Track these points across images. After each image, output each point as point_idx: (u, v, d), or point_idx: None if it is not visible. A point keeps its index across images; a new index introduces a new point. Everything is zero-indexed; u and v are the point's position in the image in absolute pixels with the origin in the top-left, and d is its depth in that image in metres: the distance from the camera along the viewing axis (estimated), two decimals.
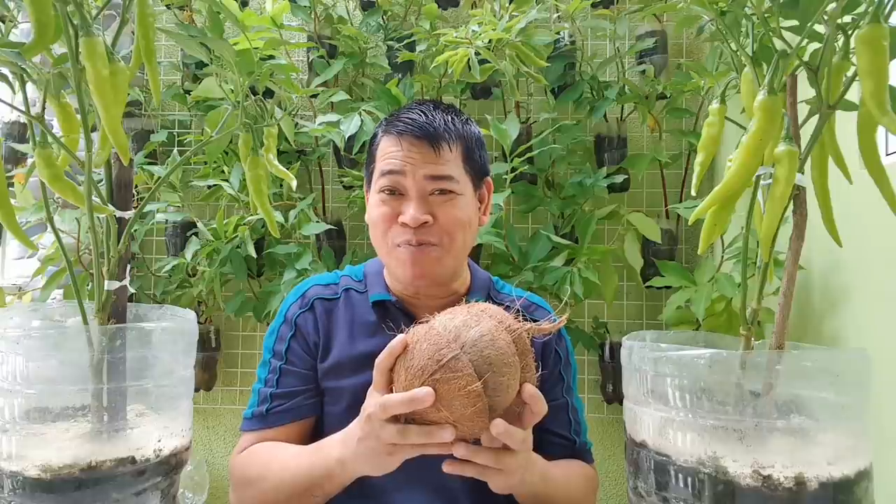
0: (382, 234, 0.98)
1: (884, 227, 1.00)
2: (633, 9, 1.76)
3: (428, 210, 0.95)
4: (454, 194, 0.97)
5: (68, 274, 0.74)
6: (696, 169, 0.72)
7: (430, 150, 0.96)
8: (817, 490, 0.58)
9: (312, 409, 1.00)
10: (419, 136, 0.96)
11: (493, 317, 0.73)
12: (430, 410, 0.69)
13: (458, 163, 0.99)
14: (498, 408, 0.71)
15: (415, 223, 0.94)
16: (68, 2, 0.58)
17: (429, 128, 0.96)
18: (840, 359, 0.65)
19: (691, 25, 0.76)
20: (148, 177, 1.77)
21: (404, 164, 0.95)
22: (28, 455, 0.61)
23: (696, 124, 1.85)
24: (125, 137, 0.62)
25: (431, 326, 0.72)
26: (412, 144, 0.96)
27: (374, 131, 1.04)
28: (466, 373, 0.68)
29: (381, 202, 0.97)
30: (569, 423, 1.04)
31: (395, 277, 1.02)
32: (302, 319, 1.03)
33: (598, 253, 1.67)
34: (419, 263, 0.95)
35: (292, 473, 0.89)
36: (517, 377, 0.72)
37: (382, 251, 1.00)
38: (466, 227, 0.99)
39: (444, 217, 0.96)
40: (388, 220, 0.96)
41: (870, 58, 0.55)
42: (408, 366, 0.71)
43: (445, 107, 1.02)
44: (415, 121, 0.96)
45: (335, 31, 1.88)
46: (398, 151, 0.96)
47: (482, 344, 0.69)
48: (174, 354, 0.70)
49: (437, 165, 0.96)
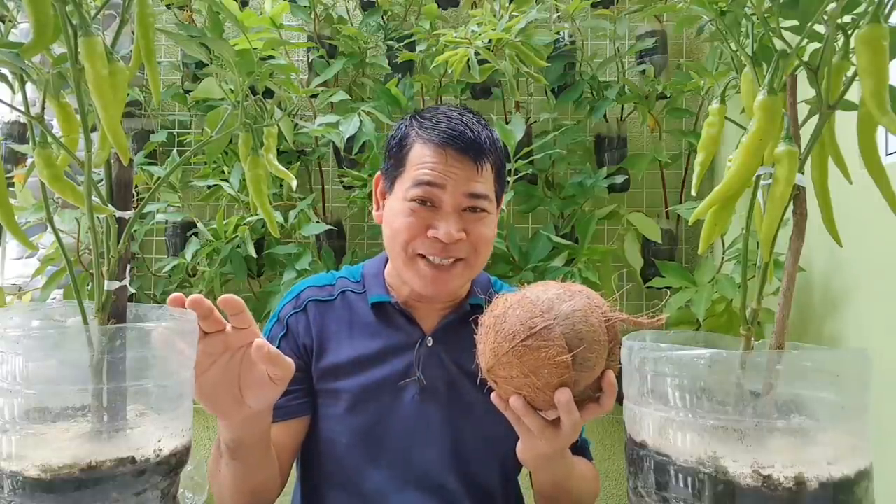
0: (403, 243, 0.95)
1: (884, 228, 1.00)
2: (633, 9, 1.76)
3: (461, 227, 0.93)
4: (486, 213, 0.96)
5: (68, 274, 0.74)
6: (696, 169, 0.72)
7: (473, 166, 0.93)
8: (817, 490, 0.58)
9: (301, 409, 1.00)
10: (464, 151, 0.92)
11: (589, 297, 0.73)
12: (516, 375, 0.69)
13: (492, 181, 0.97)
14: (581, 384, 0.71)
15: (450, 240, 0.91)
16: (67, 2, 0.58)
17: (475, 144, 0.93)
18: (840, 359, 0.65)
19: (691, 25, 0.76)
20: (148, 177, 1.77)
21: (446, 178, 0.92)
22: (28, 455, 0.61)
23: (696, 124, 1.85)
24: (125, 137, 0.62)
25: (524, 295, 0.72)
26: (455, 158, 0.92)
27: (404, 132, 0.98)
28: (558, 343, 0.68)
29: (412, 212, 0.93)
30: None
31: (407, 285, 1.00)
32: (294, 321, 1.02)
33: (599, 253, 1.67)
34: (441, 282, 0.94)
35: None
36: (603, 359, 0.72)
37: (399, 259, 0.97)
38: (490, 244, 0.98)
39: (474, 234, 0.94)
40: (416, 230, 0.93)
41: (870, 58, 0.55)
42: (498, 328, 0.70)
43: (484, 120, 0.99)
44: (461, 133, 0.92)
45: (335, 31, 1.88)
46: (439, 164, 0.92)
47: (575, 318, 0.69)
48: (174, 354, 0.70)
49: (477, 183, 0.93)
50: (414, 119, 0.99)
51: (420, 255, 0.94)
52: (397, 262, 0.98)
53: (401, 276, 1.00)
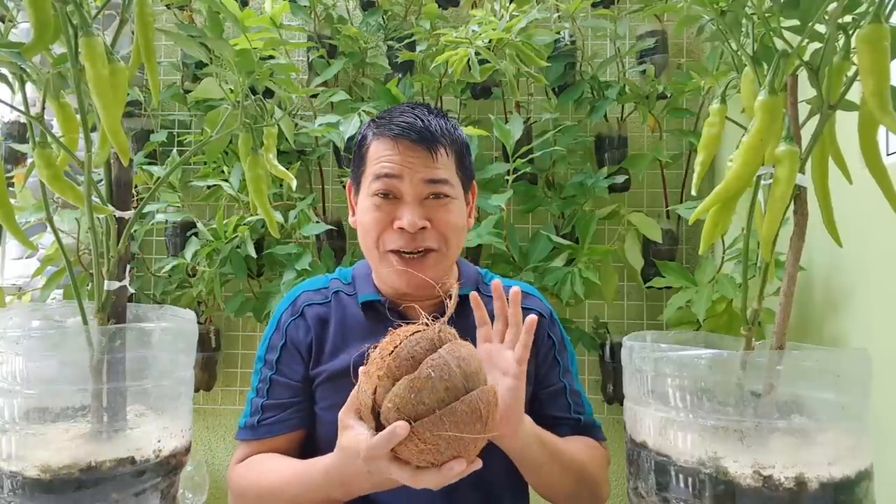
0: (374, 240, 0.96)
1: (885, 227, 1.00)
2: (633, 8, 1.76)
3: (424, 215, 0.94)
4: (449, 198, 0.97)
5: (68, 274, 0.73)
6: (697, 169, 0.72)
7: (427, 154, 0.95)
8: (818, 490, 0.58)
9: (302, 422, 1.00)
10: (416, 140, 0.94)
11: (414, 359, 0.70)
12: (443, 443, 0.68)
13: (452, 167, 0.98)
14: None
15: (412, 228, 0.93)
16: (68, 2, 0.58)
17: (426, 132, 0.95)
18: (841, 359, 0.65)
19: (692, 25, 0.76)
20: (148, 177, 1.77)
21: (402, 168, 0.94)
22: (28, 455, 0.61)
23: (696, 124, 1.85)
24: (125, 137, 0.62)
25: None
26: (409, 148, 0.94)
27: (363, 133, 1.02)
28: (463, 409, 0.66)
29: (375, 207, 0.96)
30: (569, 406, 1.04)
31: (385, 283, 1.01)
32: (293, 328, 1.02)
33: (599, 253, 1.67)
34: (412, 275, 0.94)
35: (284, 500, 0.90)
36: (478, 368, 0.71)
37: (373, 257, 0.99)
38: (460, 231, 0.99)
39: (439, 222, 0.96)
40: (382, 224, 0.95)
41: (871, 57, 0.55)
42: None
43: (437, 111, 1.02)
44: (411, 124, 0.95)
45: (335, 30, 1.88)
46: (394, 155, 0.95)
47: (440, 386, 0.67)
48: (174, 354, 0.70)
49: (434, 170, 0.95)
50: (372, 121, 1.02)
51: (391, 251, 0.96)
52: (373, 261, 1.00)
53: (379, 276, 1.02)
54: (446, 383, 0.67)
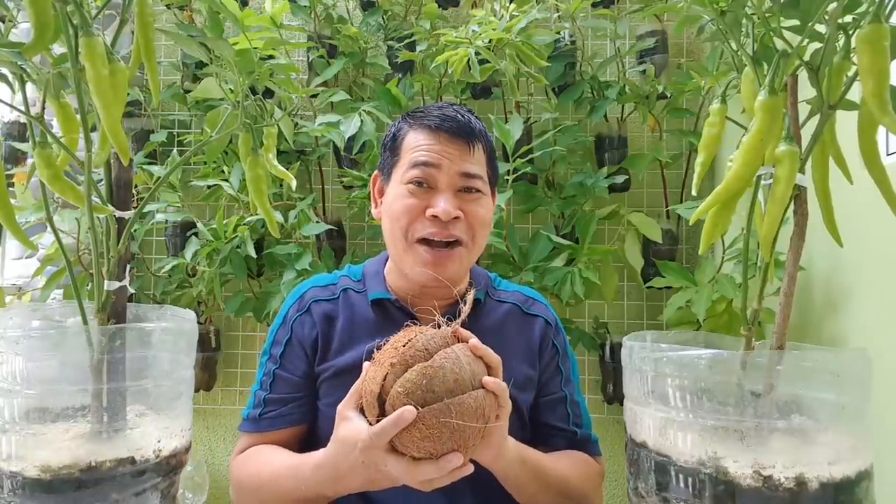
0: (403, 228, 0.96)
1: (884, 228, 1.00)
2: (633, 8, 1.76)
3: (458, 206, 0.95)
4: (480, 194, 0.98)
5: (68, 274, 0.73)
6: (697, 169, 0.72)
7: (466, 147, 0.97)
8: (818, 490, 0.58)
9: (303, 417, 1.01)
10: (456, 132, 0.96)
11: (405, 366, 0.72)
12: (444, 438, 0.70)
13: (484, 165, 1.00)
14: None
15: (446, 216, 0.93)
16: (68, 2, 0.58)
17: (467, 126, 0.97)
18: (841, 359, 0.65)
19: (692, 25, 0.76)
20: (148, 177, 1.77)
21: (440, 158, 0.95)
22: (28, 455, 0.61)
23: (696, 124, 1.84)
24: (125, 137, 0.62)
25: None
26: (448, 140, 0.96)
27: (396, 127, 1.03)
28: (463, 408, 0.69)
29: (409, 194, 0.96)
30: (567, 416, 1.04)
31: (408, 274, 0.99)
32: (299, 323, 1.02)
33: (599, 253, 1.67)
34: (441, 264, 0.95)
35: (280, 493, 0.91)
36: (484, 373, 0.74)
37: (399, 246, 0.98)
38: (487, 227, 1.01)
39: (470, 214, 0.97)
40: (415, 212, 0.95)
41: (871, 57, 0.55)
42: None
43: (470, 111, 1.03)
44: (452, 117, 0.97)
45: (335, 30, 1.88)
46: (434, 144, 0.96)
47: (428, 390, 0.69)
48: (174, 354, 0.70)
49: (470, 164, 0.97)
50: (405, 116, 1.04)
51: (419, 240, 0.96)
52: (398, 249, 0.99)
53: (400, 266, 1.00)
54: (456, 375, 0.70)
